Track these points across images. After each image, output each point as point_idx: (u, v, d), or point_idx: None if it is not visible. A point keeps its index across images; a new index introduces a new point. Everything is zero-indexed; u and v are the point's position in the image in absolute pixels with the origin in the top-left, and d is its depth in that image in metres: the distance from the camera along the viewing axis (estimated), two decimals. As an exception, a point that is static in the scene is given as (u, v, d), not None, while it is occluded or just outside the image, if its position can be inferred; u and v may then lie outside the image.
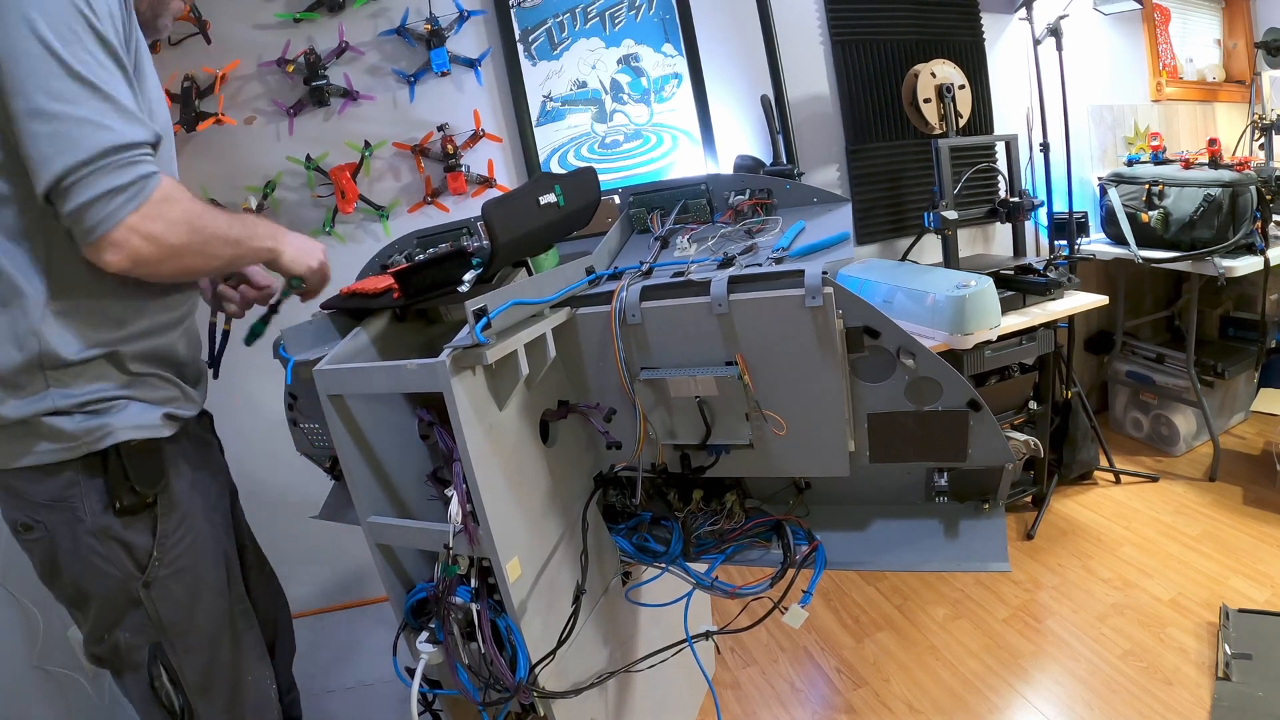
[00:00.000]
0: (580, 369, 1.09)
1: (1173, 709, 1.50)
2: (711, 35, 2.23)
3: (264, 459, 1.74)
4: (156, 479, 0.96)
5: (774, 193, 1.16)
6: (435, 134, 2.07)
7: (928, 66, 2.22)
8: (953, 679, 1.68)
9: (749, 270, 0.96)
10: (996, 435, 0.98)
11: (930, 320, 1.85)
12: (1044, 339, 2.07)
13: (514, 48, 2.10)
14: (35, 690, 1.52)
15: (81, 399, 0.91)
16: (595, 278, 1.07)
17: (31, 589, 1.51)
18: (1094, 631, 1.76)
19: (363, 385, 0.95)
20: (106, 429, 0.92)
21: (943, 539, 1.15)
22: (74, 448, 0.91)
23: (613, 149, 2.23)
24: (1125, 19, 2.80)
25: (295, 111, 1.98)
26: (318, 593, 2.28)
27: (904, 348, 0.95)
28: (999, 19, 2.58)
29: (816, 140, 2.38)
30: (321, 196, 2.05)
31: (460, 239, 1.37)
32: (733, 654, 1.88)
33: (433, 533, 0.95)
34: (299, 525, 1.69)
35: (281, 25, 1.94)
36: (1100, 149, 2.82)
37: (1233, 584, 1.85)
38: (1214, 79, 3.13)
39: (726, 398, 1.02)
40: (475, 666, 0.97)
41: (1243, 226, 2.17)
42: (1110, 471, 2.49)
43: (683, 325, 0.99)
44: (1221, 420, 2.71)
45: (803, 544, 1.13)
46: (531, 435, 1.03)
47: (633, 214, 1.24)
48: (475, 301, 0.84)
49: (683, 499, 1.21)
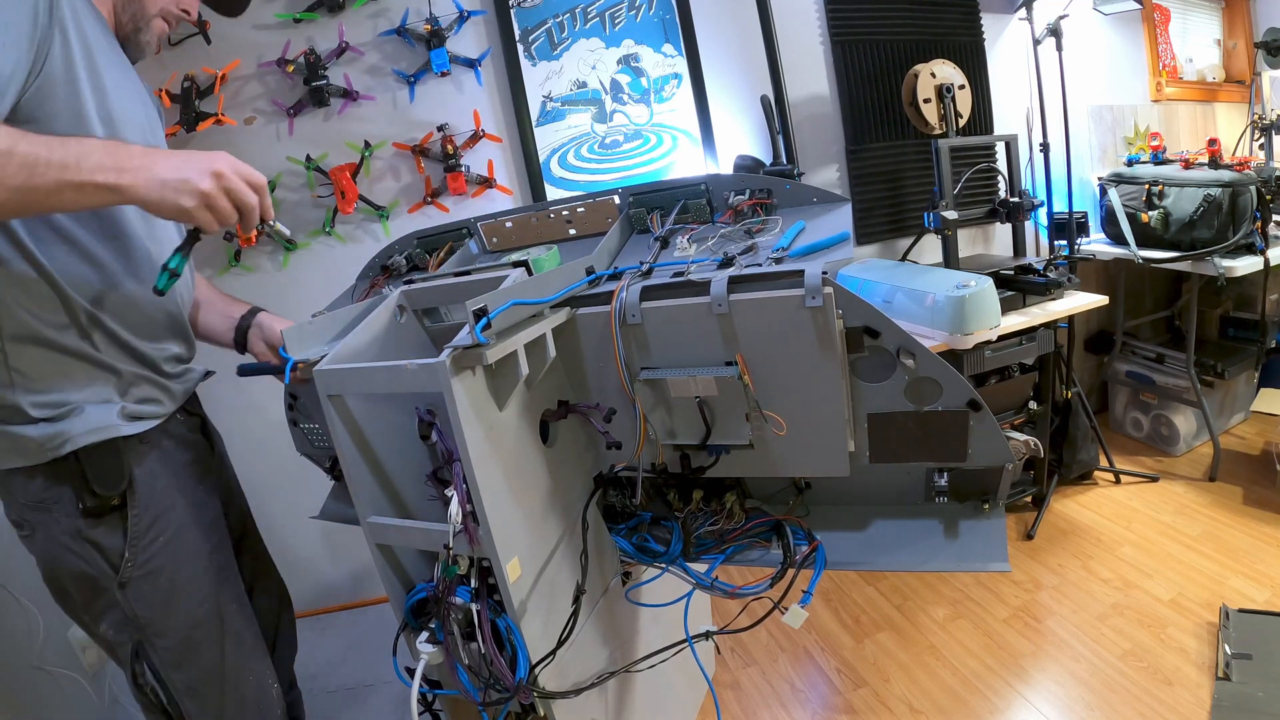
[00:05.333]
0: (580, 369, 1.09)
1: (1173, 709, 1.50)
2: (711, 35, 2.23)
3: (264, 459, 1.74)
4: (116, 481, 0.96)
5: (774, 193, 1.16)
6: (435, 134, 2.07)
7: (928, 66, 2.22)
8: (953, 679, 1.68)
9: (749, 270, 0.96)
10: (996, 435, 0.98)
11: (930, 320, 1.85)
12: (1044, 339, 2.07)
13: (514, 48, 2.10)
14: (35, 690, 1.52)
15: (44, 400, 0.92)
16: (595, 278, 1.07)
17: (31, 589, 1.51)
18: (1094, 631, 1.76)
19: (363, 385, 0.95)
20: (64, 435, 0.92)
21: (943, 539, 1.15)
22: (41, 454, 0.92)
23: (613, 149, 2.23)
24: (1125, 19, 2.80)
25: (295, 112, 1.98)
26: (318, 593, 2.28)
27: (904, 348, 0.95)
28: (999, 19, 2.58)
29: (816, 140, 2.39)
30: (321, 197, 2.05)
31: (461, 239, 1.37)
32: (733, 654, 1.88)
33: (433, 533, 0.95)
34: (299, 525, 1.69)
35: (281, 25, 1.94)
36: (1100, 149, 2.82)
37: (1233, 584, 1.85)
38: (1214, 79, 3.13)
39: (726, 398, 1.02)
40: (475, 666, 0.97)
41: (1243, 226, 2.17)
42: (1110, 471, 2.49)
43: (683, 325, 0.99)
44: (1221, 420, 2.71)
45: (803, 544, 1.13)
46: (531, 435, 1.03)
47: (633, 214, 1.24)
48: (475, 302, 0.84)
49: (683, 499, 1.21)
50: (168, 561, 1.01)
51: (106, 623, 1.00)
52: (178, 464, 1.07)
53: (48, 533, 0.96)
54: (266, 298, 1.39)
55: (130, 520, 0.98)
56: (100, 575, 0.97)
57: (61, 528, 0.95)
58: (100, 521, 0.96)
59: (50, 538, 0.96)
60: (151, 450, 1.02)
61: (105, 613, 0.99)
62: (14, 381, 0.91)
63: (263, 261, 2.09)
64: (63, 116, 0.87)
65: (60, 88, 0.87)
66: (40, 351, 0.92)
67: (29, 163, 0.76)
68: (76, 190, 0.79)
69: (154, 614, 1.00)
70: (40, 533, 0.96)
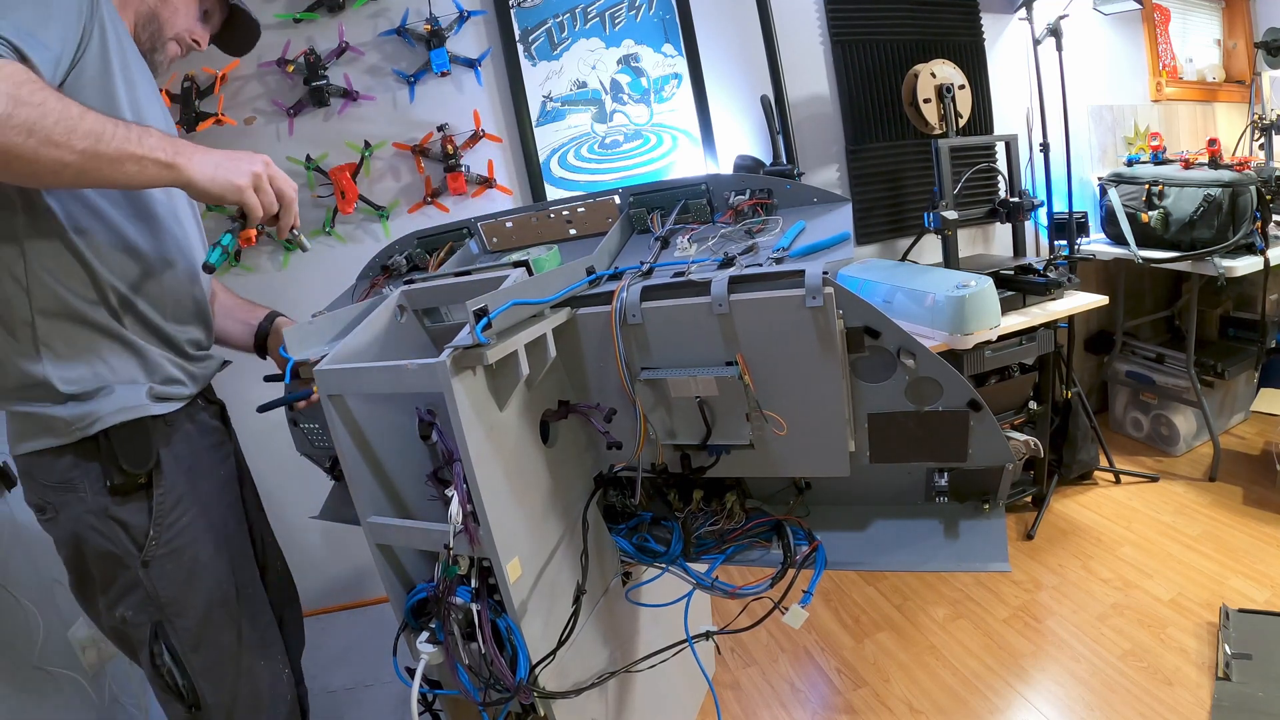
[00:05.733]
0: (580, 369, 1.09)
1: (1173, 709, 1.50)
2: (711, 35, 2.23)
3: (264, 459, 1.74)
4: (145, 459, 0.99)
5: (774, 193, 1.16)
6: (435, 134, 2.07)
7: (928, 66, 2.22)
8: (953, 679, 1.68)
9: (749, 270, 0.96)
10: (996, 435, 0.98)
11: (930, 320, 1.85)
12: (1044, 339, 2.07)
13: (514, 48, 2.10)
14: (35, 690, 1.52)
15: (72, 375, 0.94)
16: (595, 278, 1.07)
17: (31, 589, 1.51)
18: (1094, 631, 1.77)
19: (363, 385, 0.94)
20: (94, 415, 0.95)
21: (943, 539, 1.14)
22: (70, 433, 0.95)
23: (613, 149, 2.23)
24: (1125, 19, 2.80)
25: (295, 112, 1.98)
26: (318, 593, 2.28)
27: (904, 348, 0.95)
28: (999, 19, 2.58)
29: (816, 140, 2.39)
30: (321, 197, 2.05)
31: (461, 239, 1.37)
32: (733, 654, 1.88)
33: (433, 533, 0.95)
34: (299, 525, 1.69)
35: (281, 25, 1.94)
36: (1100, 149, 2.82)
37: (1233, 584, 1.85)
38: (1214, 79, 3.13)
39: (727, 398, 1.02)
40: (475, 667, 0.97)
41: (1243, 226, 2.17)
42: (1110, 471, 2.49)
43: (683, 325, 0.99)
44: (1221, 420, 2.71)
45: (803, 544, 1.13)
46: (532, 435, 1.03)
47: (633, 214, 1.24)
48: (475, 302, 0.84)
49: (683, 499, 1.20)
50: (190, 541, 1.03)
51: (126, 604, 1.01)
52: (200, 447, 1.09)
53: (72, 512, 0.97)
54: (266, 297, 1.39)
55: (155, 499, 1.00)
56: (124, 554, 0.98)
57: (87, 506, 0.97)
58: (127, 500, 0.98)
59: (75, 517, 0.97)
60: (175, 432, 1.04)
61: (126, 593, 1.00)
62: (42, 355, 0.94)
63: (263, 261, 2.09)
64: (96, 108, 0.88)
65: (95, 81, 0.91)
66: (69, 326, 0.95)
67: (96, 130, 0.80)
68: (137, 163, 0.84)
69: (176, 593, 1.01)
70: (64, 513, 0.98)
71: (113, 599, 1.01)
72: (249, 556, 1.15)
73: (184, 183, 0.88)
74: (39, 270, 0.92)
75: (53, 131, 0.77)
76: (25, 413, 0.95)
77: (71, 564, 1.02)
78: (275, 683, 1.13)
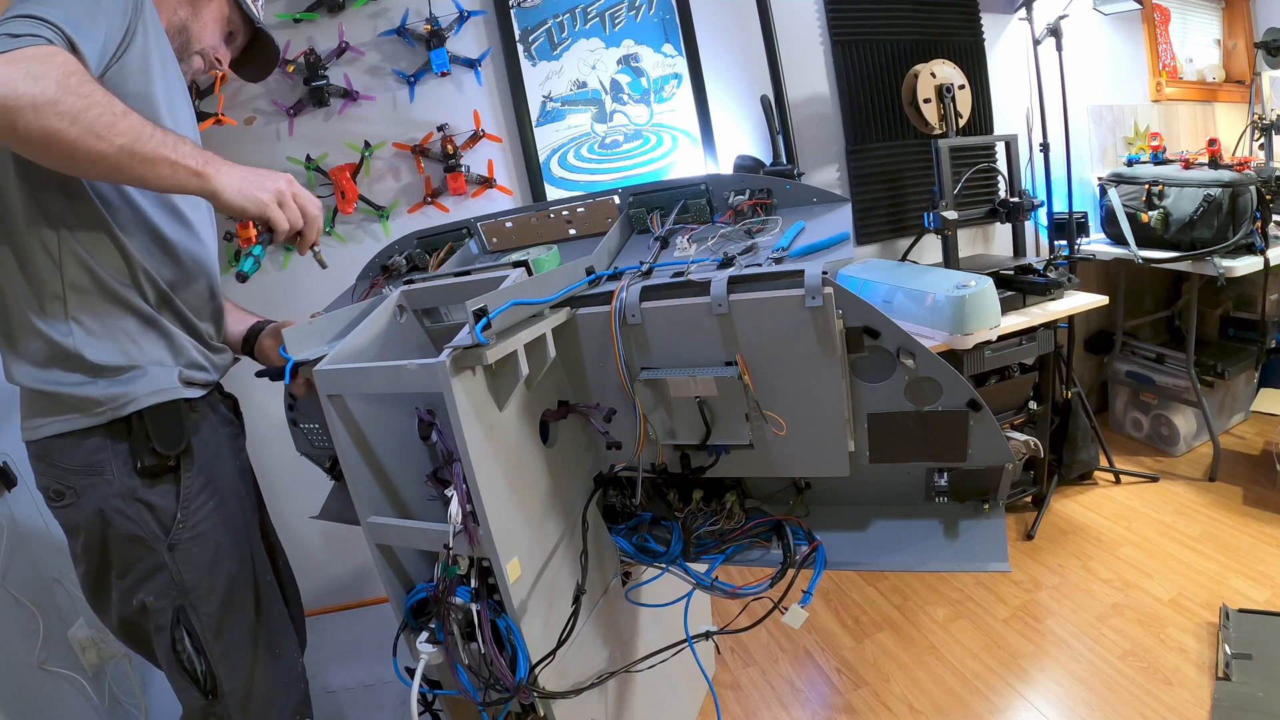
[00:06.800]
0: (580, 369, 1.09)
1: (1173, 709, 1.50)
2: (711, 35, 2.23)
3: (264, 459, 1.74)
4: (176, 440, 1.00)
5: (774, 193, 1.16)
6: (435, 134, 2.07)
7: (928, 66, 2.22)
8: (953, 679, 1.68)
9: (749, 270, 0.96)
10: (996, 435, 0.98)
11: (930, 320, 1.85)
12: (1044, 339, 2.07)
13: (514, 48, 2.10)
14: (35, 690, 1.52)
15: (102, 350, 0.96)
16: (595, 278, 1.07)
17: (31, 589, 1.52)
18: (1094, 632, 1.77)
19: (363, 385, 0.95)
20: (129, 395, 0.97)
21: (943, 539, 1.14)
22: (101, 414, 0.96)
23: (613, 149, 2.23)
24: (1125, 19, 2.80)
25: (295, 112, 1.98)
26: (318, 593, 2.28)
27: (904, 348, 0.95)
28: (999, 19, 2.58)
29: (816, 140, 2.39)
30: (321, 197, 2.05)
31: (461, 239, 1.37)
32: (733, 654, 1.88)
33: (433, 533, 0.95)
34: (299, 525, 1.69)
35: (281, 25, 1.94)
36: (1100, 149, 2.82)
37: (1233, 584, 1.85)
38: (1214, 79, 3.13)
39: (726, 398, 1.02)
40: (475, 666, 0.97)
41: (1243, 226, 2.17)
42: (1110, 471, 2.49)
43: (683, 325, 0.99)
44: (1221, 420, 2.71)
45: (803, 544, 1.13)
46: (531, 435, 1.03)
47: (633, 214, 1.24)
48: (475, 302, 0.84)
49: (683, 499, 1.20)
50: (214, 526, 1.04)
51: (148, 589, 1.01)
52: (221, 436, 1.11)
53: (96, 495, 0.97)
54: (266, 297, 1.39)
55: (184, 482, 1.01)
56: (150, 537, 0.99)
57: (114, 489, 0.97)
58: (156, 482, 0.99)
59: (99, 500, 0.97)
60: (202, 419, 1.06)
61: (149, 577, 1.00)
62: (72, 329, 0.95)
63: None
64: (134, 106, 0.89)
65: (136, 78, 0.94)
66: (100, 302, 0.97)
67: (135, 130, 0.83)
68: (170, 167, 0.87)
69: (200, 577, 1.02)
70: (86, 496, 0.97)
71: (133, 584, 1.01)
72: (262, 547, 1.17)
73: (211, 192, 0.90)
74: (74, 246, 0.94)
75: (95, 124, 0.80)
76: (52, 392, 0.95)
77: (88, 549, 1.01)
78: (289, 672, 1.14)
